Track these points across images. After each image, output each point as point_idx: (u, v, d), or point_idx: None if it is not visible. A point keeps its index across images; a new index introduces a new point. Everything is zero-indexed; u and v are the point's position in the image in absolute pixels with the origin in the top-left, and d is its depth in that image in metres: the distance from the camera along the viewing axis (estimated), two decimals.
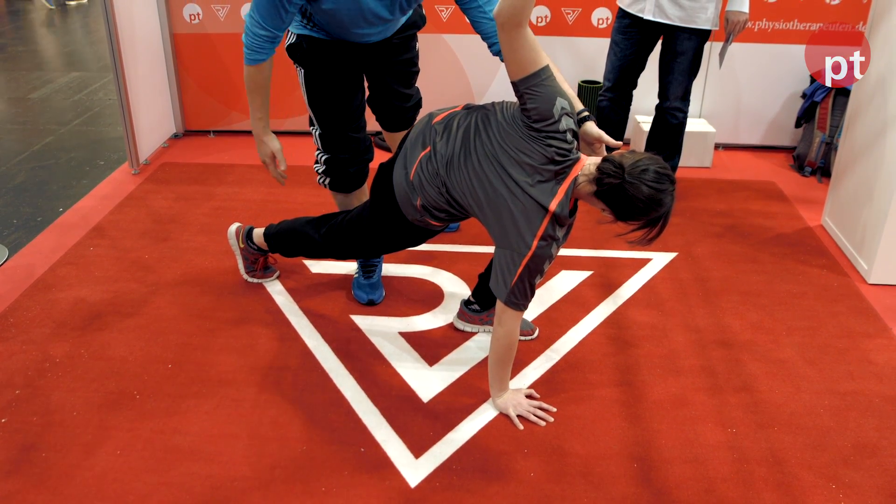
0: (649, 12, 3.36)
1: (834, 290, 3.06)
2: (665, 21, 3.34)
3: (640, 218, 2.03)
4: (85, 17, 8.31)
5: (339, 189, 2.85)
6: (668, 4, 3.31)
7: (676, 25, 3.34)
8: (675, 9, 3.30)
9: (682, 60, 3.41)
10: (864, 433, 2.31)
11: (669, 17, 3.33)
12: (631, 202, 1.99)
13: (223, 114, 4.54)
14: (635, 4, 3.40)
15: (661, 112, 3.59)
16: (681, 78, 3.46)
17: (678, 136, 3.62)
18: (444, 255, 3.28)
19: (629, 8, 3.43)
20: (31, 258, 3.22)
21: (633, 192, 1.97)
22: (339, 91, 2.67)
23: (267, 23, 2.35)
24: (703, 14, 3.30)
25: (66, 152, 4.42)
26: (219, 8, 4.26)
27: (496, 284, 2.20)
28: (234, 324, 2.78)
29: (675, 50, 3.40)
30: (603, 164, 2.04)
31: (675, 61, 3.43)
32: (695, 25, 3.32)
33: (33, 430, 2.27)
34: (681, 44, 3.38)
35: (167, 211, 3.63)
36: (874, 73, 3.17)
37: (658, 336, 2.75)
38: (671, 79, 3.47)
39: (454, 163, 2.20)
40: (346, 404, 2.39)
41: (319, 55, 2.60)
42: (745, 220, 3.63)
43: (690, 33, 3.35)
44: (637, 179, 1.97)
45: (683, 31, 3.35)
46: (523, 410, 2.34)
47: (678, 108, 3.53)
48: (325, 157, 2.79)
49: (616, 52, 3.56)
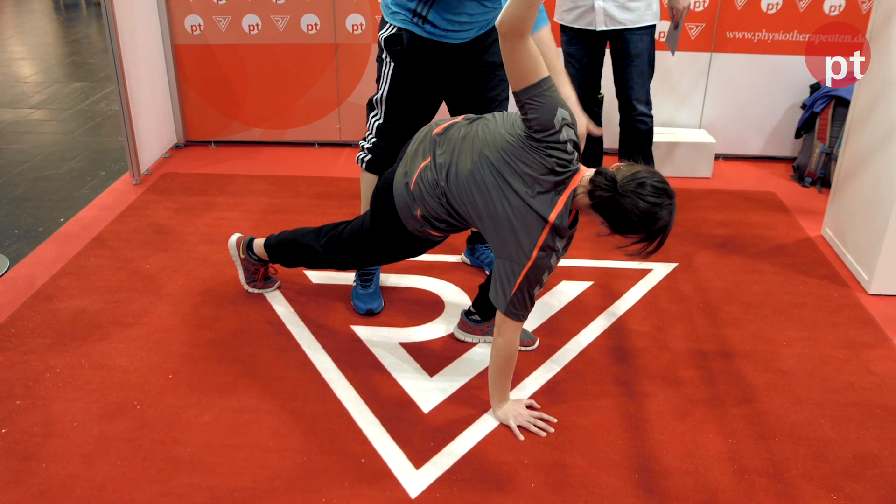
0: (601, 23, 3.36)
1: (834, 301, 3.06)
2: (618, 27, 3.35)
3: (637, 232, 2.02)
4: (87, 28, 8.34)
5: (376, 172, 2.84)
6: (616, 11, 3.32)
7: (626, 28, 3.35)
8: (624, 13, 3.32)
9: (639, 62, 3.41)
10: (865, 444, 2.30)
11: (621, 23, 3.33)
12: (626, 216, 1.98)
13: (224, 124, 4.55)
14: (582, 19, 3.40)
15: (629, 121, 3.56)
16: (640, 80, 3.45)
17: (649, 142, 3.62)
18: (444, 265, 3.28)
19: (575, 24, 3.43)
20: (32, 268, 3.22)
21: (628, 205, 1.97)
22: (422, 94, 2.72)
23: None
24: (649, 11, 3.34)
25: (68, 162, 4.43)
26: (220, 19, 4.28)
27: (496, 295, 2.20)
28: (235, 334, 2.78)
29: (630, 53, 3.40)
30: (595, 176, 2.03)
31: (631, 65, 3.42)
32: (644, 24, 3.34)
33: (34, 440, 2.27)
34: (634, 45, 3.38)
35: (168, 221, 3.63)
36: (874, 84, 3.18)
37: (658, 347, 2.75)
38: (632, 84, 3.46)
39: (454, 173, 2.21)
40: (346, 415, 2.39)
41: (416, 54, 2.61)
42: (745, 231, 3.63)
43: (641, 32, 3.36)
44: (632, 193, 1.97)
45: (634, 32, 3.35)
46: (524, 421, 2.33)
47: (643, 112, 3.53)
48: (374, 142, 2.82)
49: (573, 64, 3.56)
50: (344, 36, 4.31)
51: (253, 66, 4.39)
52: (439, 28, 2.56)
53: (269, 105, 4.50)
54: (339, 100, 4.47)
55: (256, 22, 4.28)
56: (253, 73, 4.41)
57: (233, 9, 4.25)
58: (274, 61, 4.38)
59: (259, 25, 4.29)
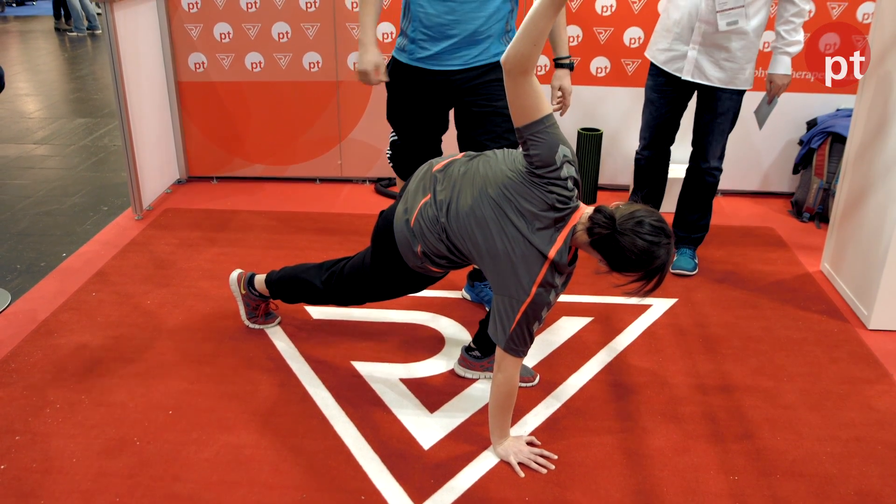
0: (688, 73, 3.26)
1: (834, 336, 3.07)
2: (704, 82, 3.26)
3: (635, 270, 2.03)
4: (92, 65, 8.43)
5: (400, 175, 3.15)
6: (708, 66, 3.22)
7: (717, 87, 3.26)
8: (716, 70, 3.22)
9: (723, 121, 3.32)
10: (867, 481, 2.30)
11: (709, 79, 3.24)
12: (623, 254, 2.00)
13: (226, 160, 4.59)
14: (672, 63, 3.29)
15: (697, 172, 3.47)
16: (720, 138, 3.37)
17: (712, 196, 3.53)
18: (444, 300, 3.29)
19: (665, 66, 3.32)
20: (34, 303, 3.23)
21: (626, 244, 1.98)
22: (412, 116, 2.98)
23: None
24: (741, 75, 3.23)
25: (70, 197, 4.46)
26: (223, 57, 4.33)
27: (495, 331, 2.21)
28: (235, 370, 2.78)
29: (716, 111, 3.30)
30: (594, 214, 2.05)
31: (714, 121, 3.33)
32: (735, 87, 3.25)
33: (32, 476, 2.26)
34: (722, 104, 3.29)
35: (169, 256, 3.65)
36: (870, 121, 3.21)
37: (659, 382, 2.75)
38: (711, 139, 3.37)
39: (454, 209, 2.23)
40: (346, 451, 2.38)
41: (399, 80, 2.92)
42: (744, 266, 3.64)
43: (732, 93, 3.27)
44: (630, 231, 1.98)
45: (724, 91, 3.26)
46: (524, 458, 2.33)
47: (716, 167, 3.44)
48: (389, 153, 3.16)
49: (651, 110, 3.46)
50: (345, 73, 4.36)
51: (255, 103, 4.44)
52: (418, 47, 2.80)
53: (271, 141, 4.54)
54: (340, 136, 4.51)
55: (259, 60, 4.34)
56: (255, 110, 4.46)
57: (236, 47, 4.31)
58: (276, 98, 4.43)
59: (262, 63, 4.35)
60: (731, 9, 3.10)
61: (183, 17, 4.26)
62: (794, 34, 3.20)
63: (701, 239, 3.63)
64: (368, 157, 4.56)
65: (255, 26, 4.27)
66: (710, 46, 3.18)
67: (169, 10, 4.25)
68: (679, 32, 3.24)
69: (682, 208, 3.61)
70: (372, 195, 4.48)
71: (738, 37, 3.15)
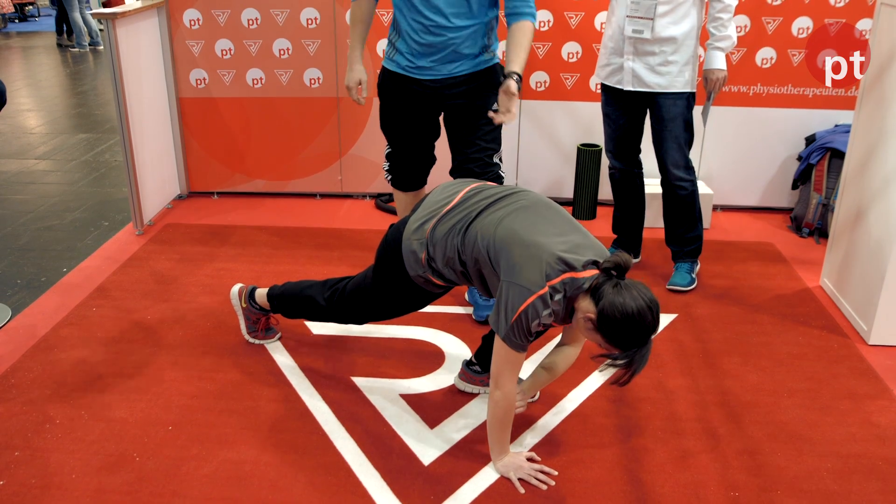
0: (628, 83, 3.32)
1: (834, 352, 3.07)
2: (645, 90, 3.31)
3: (620, 335, 2.06)
4: (93, 81, 8.47)
5: (399, 188, 3.27)
6: (645, 73, 3.27)
7: (658, 92, 3.31)
8: (654, 76, 3.27)
9: (673, 127, 3.35)
10: (867, 497, 2.29)
11: (649, 86, 3.29)
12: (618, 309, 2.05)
13: (227, 176, 4.60)
14: (613, 76, 3.38)
15: (667, 187, 3.48)
16: (675, 145, 3.37)
17: (692, 207, 3.51)
18: (445, 316, 3.29)
19: (607, 81, 3.41)
20: (34, 318, 3.24)
21: (623, 298, 2.04)
22: (401, 126, 3.10)
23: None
24: (681, 78, 3.28)
25: (71, 213, 4.47)
26: (224, 73, 4.35)
27: (496, 318, 2.17)
28: (236, 385, 2.78)
29: (663, 117, 3.34)
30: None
31: (665, 129, 3.36)
32: (675, 90, 3.29)
33: (31, 492, 2.25)
34: (667, 110, 3.32)
35: (170, 272, 3.65)
36: (869, 136, 3.22)
37: (659, 398, 2.75)
38: (666, 147, 3.39)
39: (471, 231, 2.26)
40: (346, 467, 2.38)
41: (388, 88, 3.05)
42: (743, 282, 3.65)
43: (674, 97, 3.31)
44: (629, 295, 2.05)
45: (666, 96, 3.31)
46: (524, 474, 2.32)
47: (681, 177, 3.42)
48: (386, 166, 3.26)
49: (608, 123, 3.52)
50: (346, 90, 4.37)
51: (256, 119, 4.46)
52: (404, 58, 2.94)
53: (271, 157, 4.55)
54: (340, 152, 4.53)
55: (260, 76, 4.36)
56: (256, 126, 4.48)
57: (237, 63, 4.33)
58: (277, 114, 4.45)
59: (263, 79, 4.37)
60: (640, 17, 3.21)
61: (184, 33, 4.29)
62: (723, 29, 3.28)
63: (696, 251, 3.60)
64: (369, 173, 4.58)
65: (256, 43, 4.30)
66: (643, 55, 3.27)
67: (171, 26, 4.27)
68: (614, 46, 3.35)
69: (668, 222, 3.62)
70: (372, 211, 4.49)
71: (666, 43, 3.23)
